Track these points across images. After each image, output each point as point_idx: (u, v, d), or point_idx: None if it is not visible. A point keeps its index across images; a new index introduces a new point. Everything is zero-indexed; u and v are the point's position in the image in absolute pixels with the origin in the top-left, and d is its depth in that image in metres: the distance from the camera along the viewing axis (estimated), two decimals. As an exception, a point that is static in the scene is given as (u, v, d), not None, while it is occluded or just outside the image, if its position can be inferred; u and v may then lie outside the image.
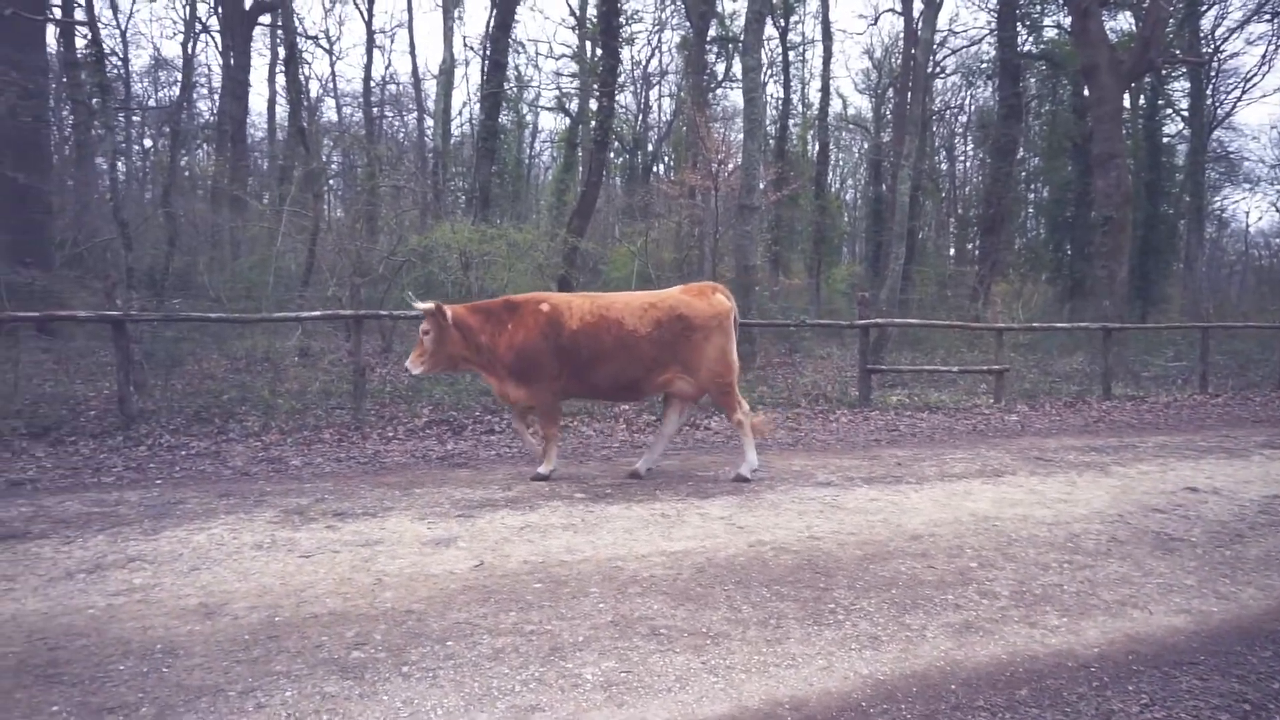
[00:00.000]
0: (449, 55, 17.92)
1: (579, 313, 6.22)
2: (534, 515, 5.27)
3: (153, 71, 27.78)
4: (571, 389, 6.41)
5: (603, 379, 6.30)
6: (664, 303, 6.34)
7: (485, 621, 3.69)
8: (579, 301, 6.36)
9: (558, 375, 6.22)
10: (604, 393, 6.69)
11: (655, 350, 6.23)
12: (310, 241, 12.44)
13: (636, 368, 6.25)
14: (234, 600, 3.87)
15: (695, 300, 6.39)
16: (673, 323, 6.24)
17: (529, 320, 6.18)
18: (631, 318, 6.23)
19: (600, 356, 6.20)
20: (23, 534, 4.74)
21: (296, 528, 4.92)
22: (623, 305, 6.33)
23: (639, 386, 6.42)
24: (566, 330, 6.15)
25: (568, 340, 6.15)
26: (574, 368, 6.22)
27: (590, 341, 6.17)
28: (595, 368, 6.23)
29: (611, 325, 6.20)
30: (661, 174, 30.31)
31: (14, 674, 3.18)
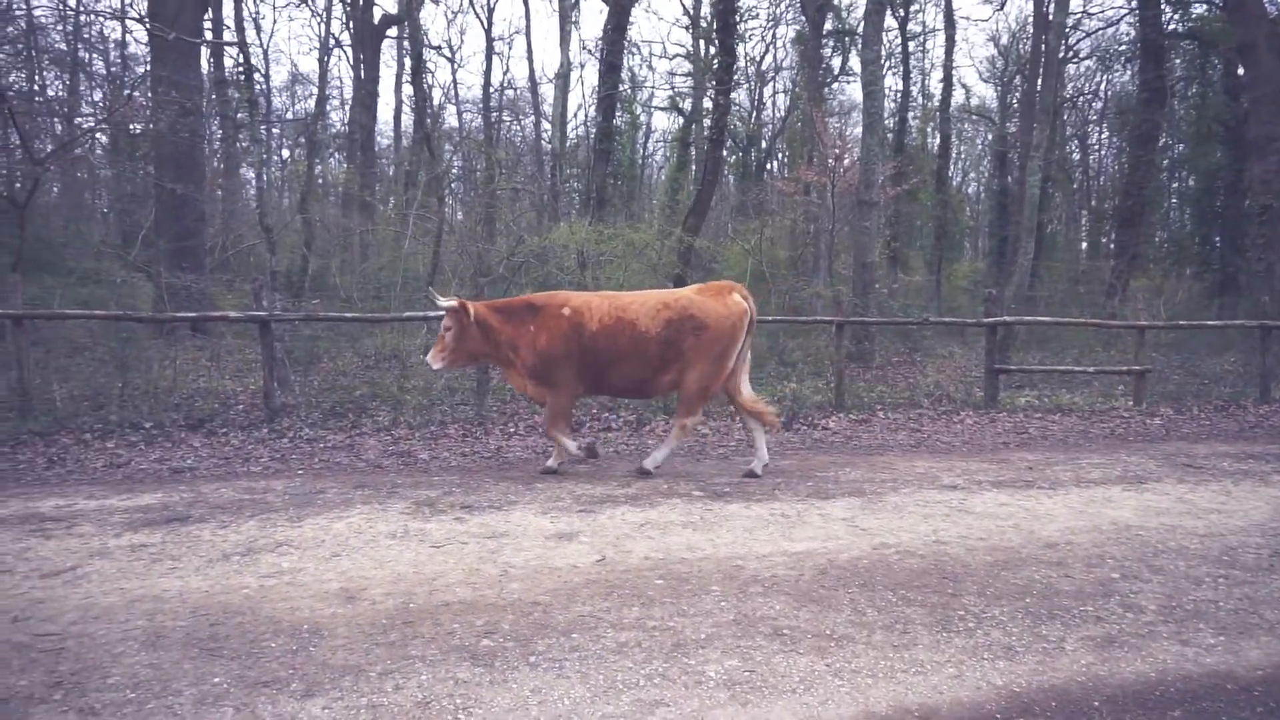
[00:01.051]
0: (565, 59, 18.27)
1: (598, 314, 6.25)
2: (653, 512, 5.32)
3: (290, 86, 29.51)
4: (588, 389, 6.49)
5: (617, 378, 6.35)
6: (677, 303, 6.29)
7: (609, 616, 3.75)
8: (598, 302, 6.38)
9: (578, 378, 6.29)
10: (617, 391, 6.71)
11: (663, 350, 6.22)
12: (435, 244, 12.92)
13: (645, 368, 6.27)
14: (371, 586, 4.07)
15: (710, 301, 6.32)
16: (683, 322, 6.20)
17: (552, 324, 6.22)
18: (645, 318, 6.22)
19: (617, 357, 6.23)
20: (184, 517, 5.13)
21: (427, 519, 5.13)
22: (638, 305, 6.31)
23: (646, 386, 6.44)
24: (587, 332, 6.19)
25: (588, 342, 6.20)
26: (592, 368, 6.27)
27: (608, 343, 6.20)
28: (611, 368, 6.28)
29: (626, 326, 6.21)
30: (775, 171, 29.98)
31: (181, 646, 3.45)
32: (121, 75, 24.24)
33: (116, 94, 19.46)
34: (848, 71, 27.31)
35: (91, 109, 19.37)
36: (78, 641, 3.48)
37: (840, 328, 9.68)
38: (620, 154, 23.13)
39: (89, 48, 23.67)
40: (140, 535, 4.78)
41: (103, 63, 24.81)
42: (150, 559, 4.41)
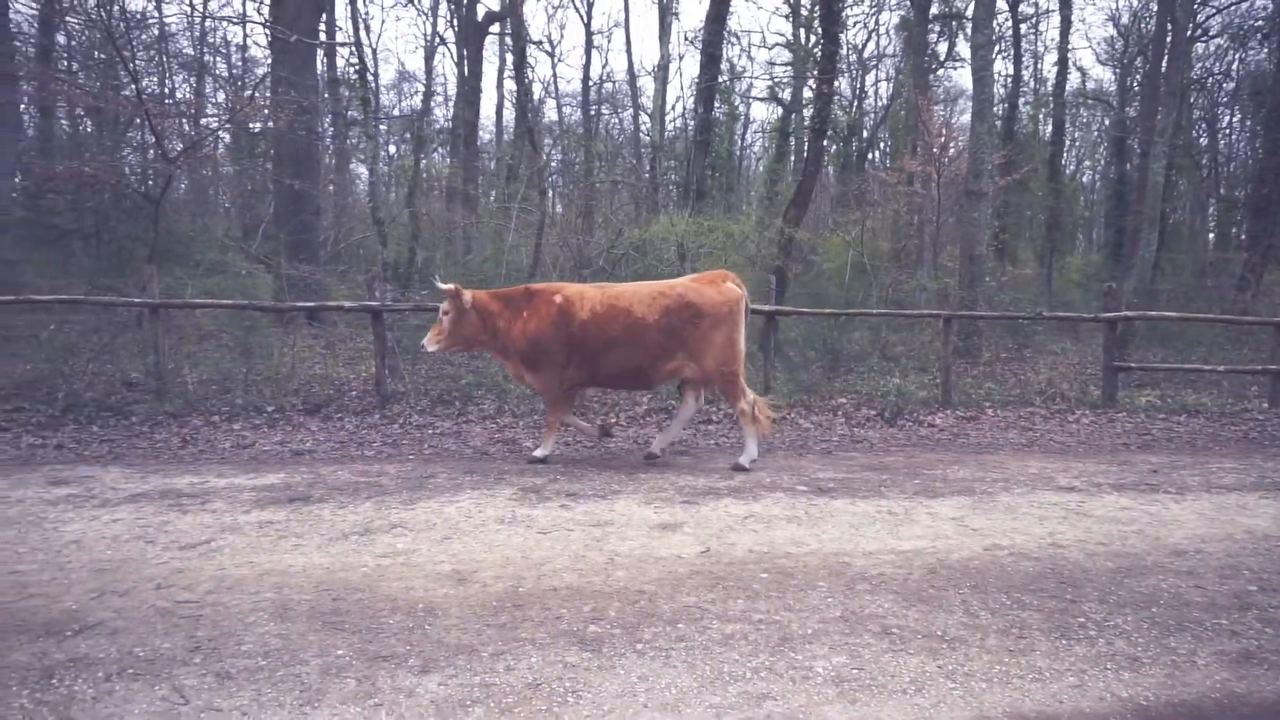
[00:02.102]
0: (665, 52, 18.28)
1: (590, 303, 6.33)
2: (757, 506, 5.29)
3: (398, 84, 30.50)
4: (581, 379, 6.55)
5: (611, 367, 6.40)
6: (673, 290, 6.35)
7: (714, 607, 3.75)
8: (591, 292, 6.48)
9: (565, 365, 6.38)
10: (613, 381, 6.77)
11: (663, 338, 6.26)
12: (536, 236, 13.14)
13: (643, 356, 6.31)
14: (482, 569, 4.19)
15: (705, 288, 6.36)
16: (681, 310, 6.24)
17: (542, 310, 6.35)
18: (640, 306, 6.28)
19: (609, 345, 6.29)
20: (306, 497, 5.38)
21: (533, 505, 5.24)
22: (632, 294, 6.40)
23: (646, 375, 6.48)
24: (577, 321, 6.28)
25: (578, 330, 6.28)
26: (582, 357, 6.35)
27: (599, 331, 6.26)
28: (604, 356, 6.33)
29: (620, 314, 6.27)
30: (877, 161, 29.27)
31: (306, 619, 3.62)
32: (242, 77, 25.57)
33: (238, 95, 20.53)
34: (955, 57, 26.40)
35: (215, 110, 20.47)
36: (213, 610, 3.70)
37: (948, 322, 9.39)
38: (719, 145, 22.97)
39: (213, 52, 25.07)
40: (267, 513, 5.05)
41: (225, 66, 26.22)
42: (276, 535, 4.65)
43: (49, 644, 3.36)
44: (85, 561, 4.24)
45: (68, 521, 4.86)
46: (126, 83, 15.42)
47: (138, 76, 11.69)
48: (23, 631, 3.47)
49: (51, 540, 4.55)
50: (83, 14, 21.37)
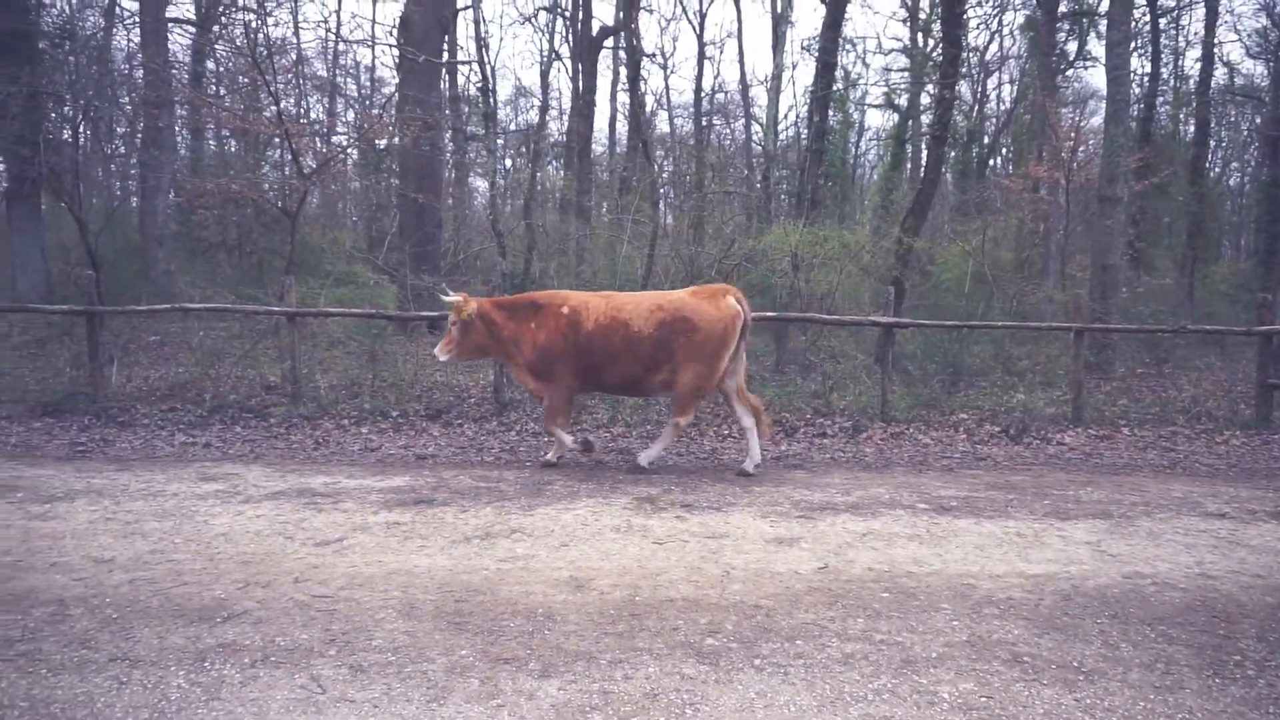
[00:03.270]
0: (778, 61, 18.14)
1: (595, 314, 6.42)
2: (876, 523, 5.16)
3: (514, 99, 31.36)
4: (585, 386, 6.65)
5: (612, 376, 6.50)
6: (670, 304, 6.40)
7: (833, 625, 3.68)
8: (596, 302, 6.53)
9: (573, 374, 6.48)
10: (613, 389, 6.86)
11: (655, 350, 6.32)
12: (649, 247, 13.24)
13: (637, 367, 6.39)
14: (599, 577, 4.24)
15: (703, 303, 6.38)
16: (675, 324, 6.28)
17: (550, 321, 6.45)
18: (638, 319, 6.35)
19: (610, 356, 6.39)
20: (430, 500, 5.58)
21: (649, 515, 5.27)
22: (633, 306, 6.45)
23: (640, 385, 6.55)
24: (583, 331, 6.39)
25: (584, 340, 6.38)
26: (587, 366, 6.45)
27: (602, 342, 6.37)
28: (605, 367, 6.44)
29: (620, 326, 6.35)
30: (999, 168, 28.16)
31: (432, 618, 3.75)
32: (370, 96, 26.89)
33: (367, 114, 21.56)
34: (1086, 56, 25.13)
35: (345, 128, 21.56)
36: (346, 605, 3.87)
37: (1079, 335, 8.91)
38: (833, 154, 22.59)
39: (344, 74, 26.47)
40: (394, 514, 5.26)
41: (355, 86, 27.63)
42: (403, 536, 4.83)
43: (201, 629, 3.60)
44: (232, 553, 4.52)
45: (216, 515, 5.19)
46: (267, 105, 16.48)
47: (278, 98, 12.42)
48: (178, 616, 3.73)
49: (202, 532, 4.87)
50: (230, 42, 22.99)
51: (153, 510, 5.29)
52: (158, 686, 3.14)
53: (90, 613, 3.76)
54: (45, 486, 5.83)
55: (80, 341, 9.69)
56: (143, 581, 4.12)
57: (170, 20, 19.25)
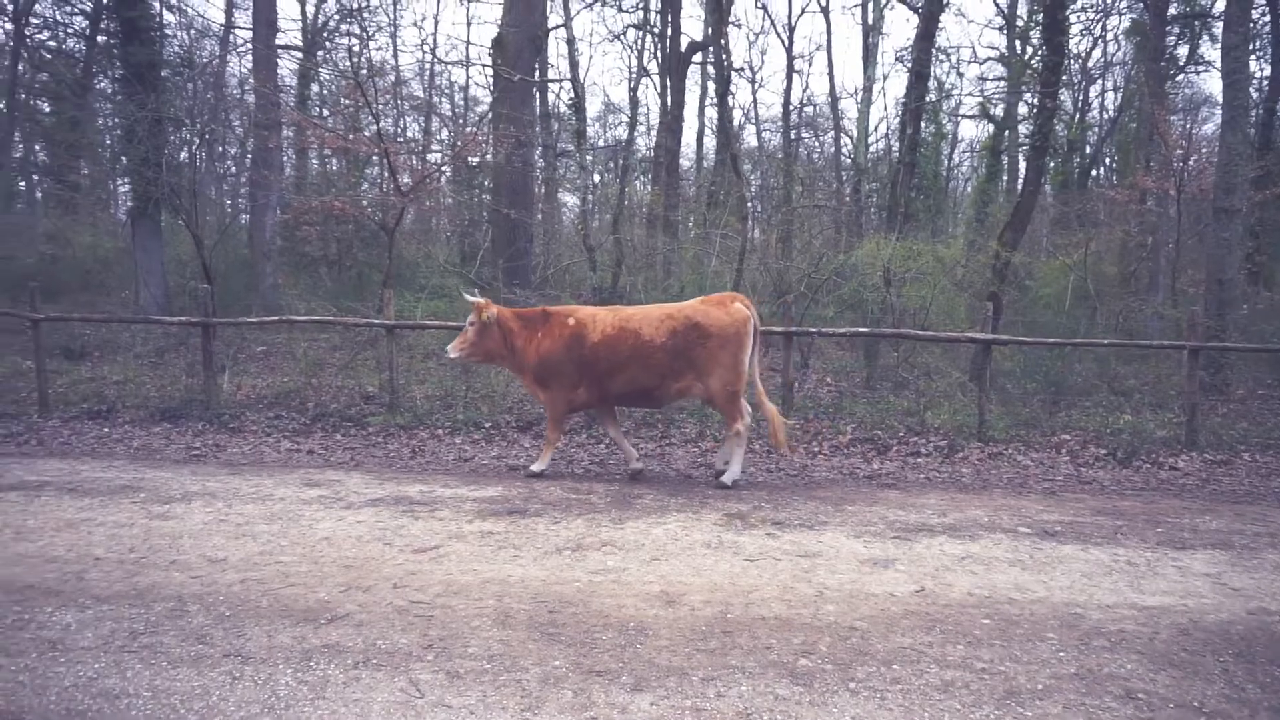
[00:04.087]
0: (869, 72, 17.88)
1: (601, 326, 6.56)
2: (975, 546, 4.99)
3: (603, 115, 31.77)
4: (591, 399, 6.70)
5: (620, 386, 6.58)
6: (680, 313, 6.50)
7: (931, 650, 3.58)
8: (603, 314, 6.71)
9: (576, 385, 6.60)
10: (624, 400, 6.90)
11: (670, 359, 6.41)
12: (738, 262, 13.19)
13: (651, 376, 6.48)
14: (690, 593, 4.22)
15: (713, 310, 6.49)
16: (688, 332, 6.39)
17: (556, 331, 6.64)
18: (649, 328, 6.46)
19: (617, 366, 6.48)
20: (523, 511, 5.67)
21: (739, 532, 5.23)
22: (642, 317, 6.58)
23: (654, 395, 6.64)
24: (588, 343, 6.52)
25: (589, 352, 6.51)
26: (593, 377, 6.56)
27: (609, 353, 6.47)
28: (613, 376, 6.53)
29: (629, 336, 6.47)
30: (1102, 178, 27.03)
31: (525, 628, 3.80)
32: (464, 114, 27.68)
33: (461, 132, 22.19)
34: (1198, 60, 23.93)
35: (440, 146, 22.23)
36: (442, 611, 3.96)
37: (1194, 354, 8.44)
38: (925, 166, 22.09)
39: (439, 93, 27.33)
40: (488, 523, 5.36)
41: (449, 105, 28.49)
42: (497, 545, 4.92)
43: (306, 629, 3.74)
44: (334, 557, 4.69)
45: (319, 520, 5.39)
46: (367, 124, 17.15)
47: (378, 118, 12.90)
48: (286, 616, 3.88)
49: (307, 536, 5.06)
50: (333, 66, 24.02)
51: (262, 514, 5.53)
52: (267, 683, 3.27)
53: (206, 610, 3.95)
54: (164, 488, 6.17)
55: (195, 351, 10.24)
56: (253, 581, 4.31)
57: (280, 47, 20.24)
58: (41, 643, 3.60)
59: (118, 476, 6.55)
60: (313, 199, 15.30)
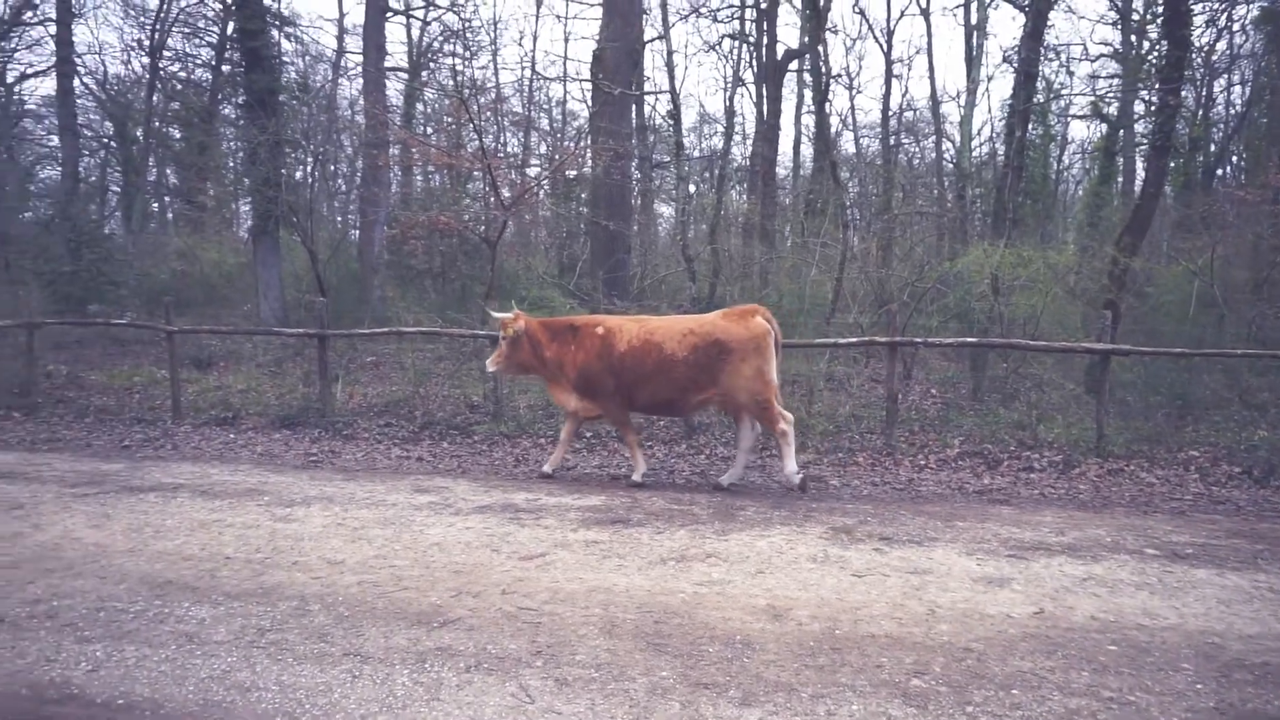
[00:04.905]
0: (973, 74, 17.36)
1: (627, 337, 6.76)
2: (1098, 567, 4.75)
3: (698, 126, 31.82)
4: (623, 405, 6.91)
5: (645, 396, 6.79)
6: (702, 328, 6.66)
7: (1053, 676, 3.43)
8: (630, 326, 6.89)
9: (616, 392, 6.79)
10: (648, 409, 7.15)
11: (691, 372, 6.58)
12: (838, 271, 12.99)
13: (672, 388, 6.67)
14: (796, 607, 4.17)
15: (732, 325, 6.61)
16: (709, 347, 6.53)
17: (588, 342, 6.85)
18: (671, 342, 6.64)
19: (644, 377, 6.68)
20: (625, 520, 5.71)
21: (845, 546, 5.13)
22: (665, 330, 6.75)
23: (676, 405, 6.87)
24: (616, 353, 6.73)
25: (616, 362, 6.72)
26: (622, 386, 6.76)
27: (635, 363, 6.68)
28: (639, 387, 6.73)
29: (653, 349, 6.66)
30: (1229, 178, 25.42)
31: (632, 637, 3.82)
32: (562, 128, 28.20)
33: (560, 145, 22.61)
34: (1337, 51, 22.26)
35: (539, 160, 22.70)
36: (550, 619, 4.02)
37: (1338, 365, 7.85)
38: (1033, 169, 21.26)
39: (537, 108, 27.93)
40: (592, 532, 5.42)
41: (547, 120, 29.07)
42: (601, 554, 4.97)
43: (420, 632, 3.86)
44: (445, 562, 4.82)
45: (430, 526, 5.56)
46: (469, 141, 17.67)
47: (481, 134, 13.27)
48: (400, 618, 4.02)
49: (419, 541, 5.23)
50: (437, 85, 24.86)
51: (376, 518, 5.74)
52: (385, 683, 3.39)
53: (326, 609, 4.13)
54: (286, 492, 6.48)
55: (311, 361, 10.73)
56: (369, 584, 4.47)
57: (388, 69, 21.10)
58: (180, 636, 3.83)
59: (244, 480, 6.91)
60: (419, 214, 15.84)
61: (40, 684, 3.40)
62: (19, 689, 3.36)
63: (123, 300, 16.35)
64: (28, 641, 3.78)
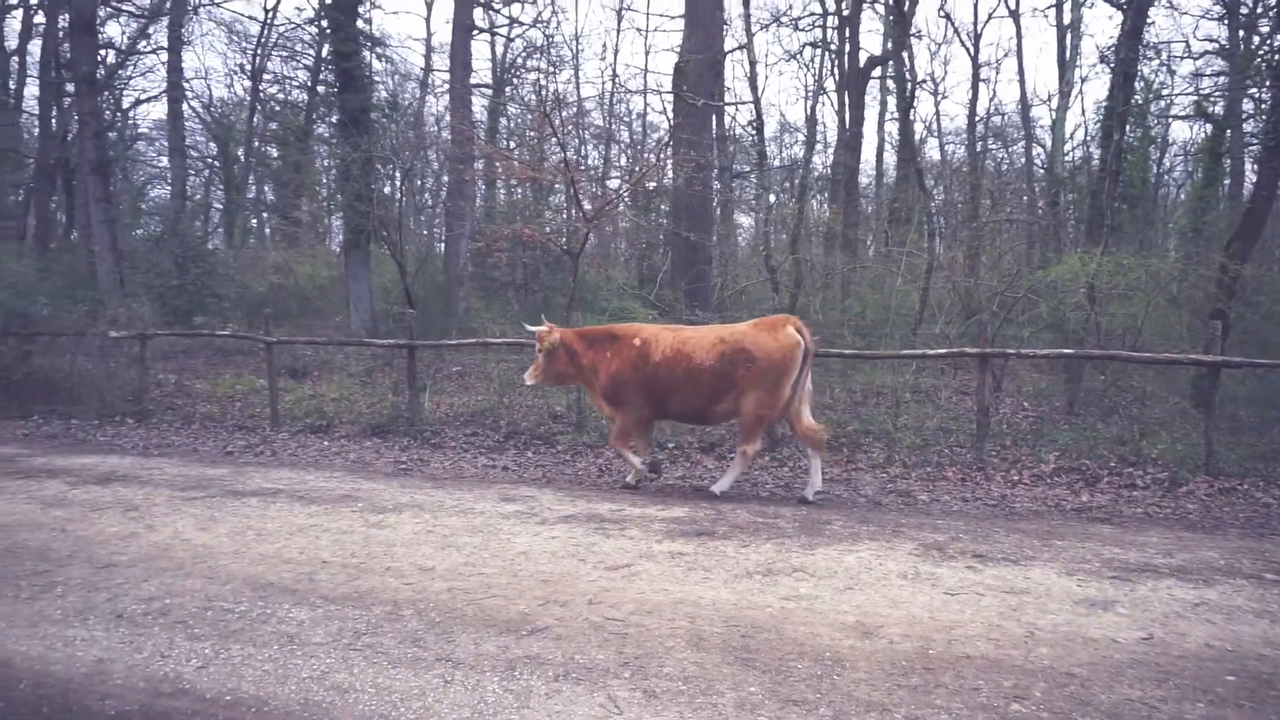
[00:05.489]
0: (1068, 76, 16.78)
1: (662, 346, 6.85)
2: (1211, 592, 4.50)
3: (779, 135, 31.62)
4: (655, 413, 7.10)
5: (677, 405, 6.94)
6: (731, 337, 6.70)
7: (1165, 706, 3.26)
8: (665, 335, 6.98)
9: (644, 402, 6.92)
10: (679, 416, 7.31)
11: (717, 381, 6.65)
12: (925, 280, 12.71)
13: (700, 397, 6.77)
14: (887, 625, 4.07)
15: (762, 335, 6.62)
16: (736, 355, 6.57)
17: (624, 351, 6.96)
18: (700, 352, 6.71)
19: (675, 386, 6.80)
20: (710, 533, 5.68)
21: (937, 563, 4.99)
22: (697, 340, 6.81)
23: (704, 414, 6.98)
24: (651, 362, 6.83)
25: (651, 371, 6.82)
26: (654, 394, 6.90)
27: (668, 373, 6.78)
28: (670, 395, 6.86)
29: (684, 359, 6.74)
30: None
31: (719, 651, 3.80)
32: (642, 140, 28.41)
33: (640, 158, 22.76)
34: None
35: (619, 172, 22.90)
36: (636, 630, 4.03)
37: None
38: (1131, 173, 20.39)
39: (618, 121, 28.20)
40: (676, 544, 5.41)
41: (628, 132, 29.31)
42: (687, 566, 4.95)
43: (509, 640, 3.91)
44: (532, 571, 4.89)
45: (516, 534, 5.65)
46: (551, 154, 17.95)
47: (565, 147, 13.46)
48: (489, 626, 4.08)
49: (506, 549, 5.31)
50: (520, 101, 25.37)
51: (464, 526, 5.86)
52: (476, 689, 3.45)
53: (418, 615, 4.23)
54: (378, 499, 6.67)
55: (400, 371, 11.04)
56: (459, 590, 4.56)
57: (473, 85, 21.63)
58: (282, 636, 3.98)
59: (338, 486, 7.15)
60: (504, 227, 16.15)
61: (155, 678, 3.58)
62: (137, 682, 3.54)
63: (224, 312, 17.15)
64: (144, 637, 3.98)
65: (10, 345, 11.53)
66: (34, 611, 4.31)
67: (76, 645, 3.90)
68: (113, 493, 6.86)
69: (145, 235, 23.21)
